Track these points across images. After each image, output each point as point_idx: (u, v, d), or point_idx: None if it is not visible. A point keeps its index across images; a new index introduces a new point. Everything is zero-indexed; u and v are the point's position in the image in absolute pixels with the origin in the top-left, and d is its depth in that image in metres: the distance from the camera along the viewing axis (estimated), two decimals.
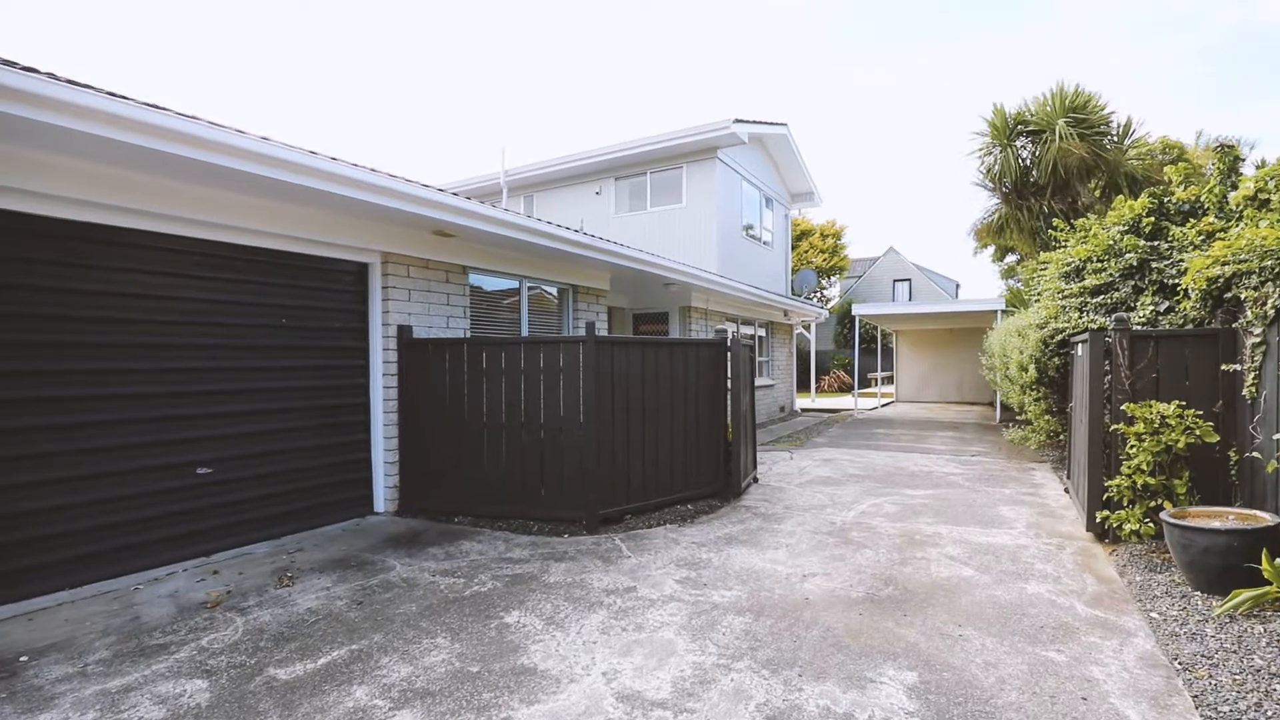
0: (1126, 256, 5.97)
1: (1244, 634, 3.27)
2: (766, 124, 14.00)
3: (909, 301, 32.51)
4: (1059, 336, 7.00)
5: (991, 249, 25.67)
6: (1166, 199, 6.15)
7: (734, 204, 14.16)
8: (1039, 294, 7.94)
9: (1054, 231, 7.76)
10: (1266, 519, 3.77)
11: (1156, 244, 5.88)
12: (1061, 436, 8.14)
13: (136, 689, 2.90)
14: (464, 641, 3.39)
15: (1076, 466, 5.94)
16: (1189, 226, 5.52)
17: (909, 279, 36.27)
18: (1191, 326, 5.14)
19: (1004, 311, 14.34)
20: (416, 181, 5.34)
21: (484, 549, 4.96)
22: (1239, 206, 5.03)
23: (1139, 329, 5.01)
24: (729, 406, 6.72)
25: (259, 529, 5.04)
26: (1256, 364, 4.15)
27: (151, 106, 3.66)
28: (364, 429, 5.84)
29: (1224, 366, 4.58)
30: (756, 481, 7.57)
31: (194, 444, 4.68)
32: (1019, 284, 23.11)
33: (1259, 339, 4.12)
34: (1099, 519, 4.85)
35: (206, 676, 3.03)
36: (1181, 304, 5.18)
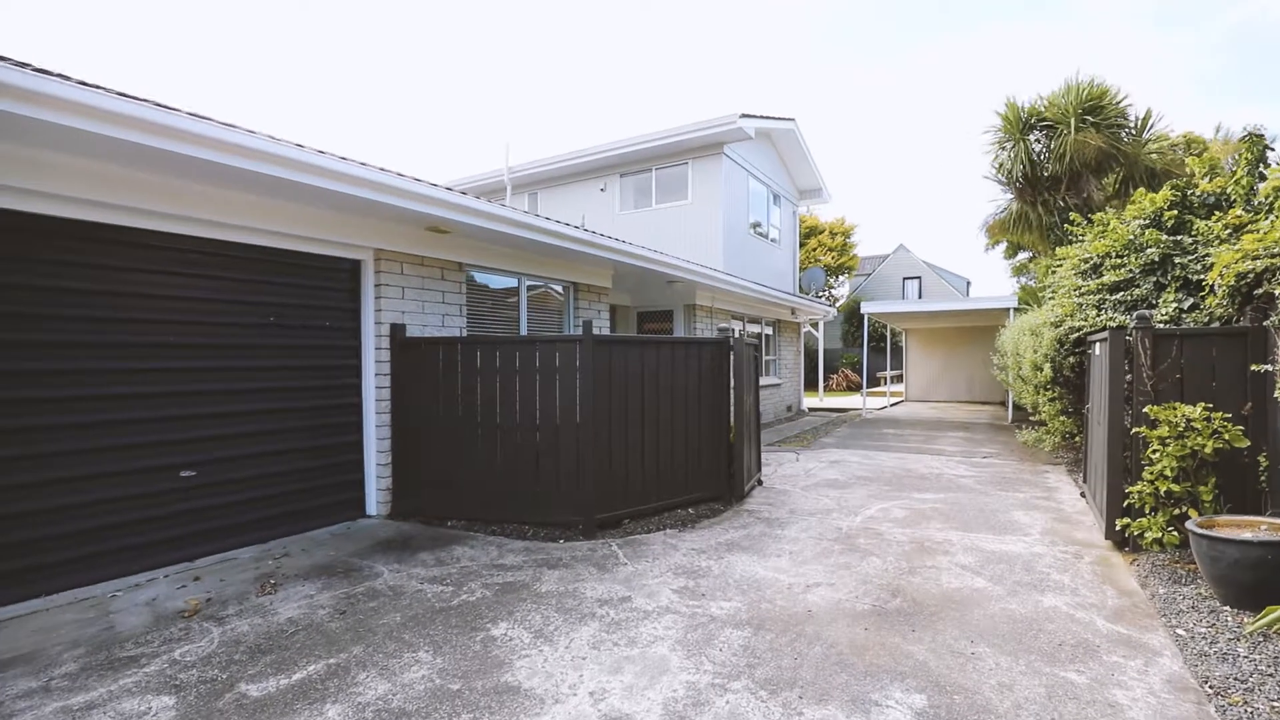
0: (1148, 251, 5.71)
1: None
2: (774, 119, 13.75)
3: (919, 299, 32.12)
4: (1075, 335, 6.75)
5: (1003, 246, 25.28)
6: (1190, 191, 5.89)
7: (740, 200, 13.94)
8: (1054, 291, 7.68)
9: (1070, 226, 7.49)
10: None
11: (1179, 238, 5.62)
12: (1077, 438, 7.87)
13: (100, 706, 2.76)
14: (447, 656, 3.22)
15: (1094, 471, 5.70)
16: (1214, 220, 5.26)
17: (919, 277, 35.85)
18: (1218, 325, 4.89)
19: (1016, 309, 14.02)
20: (409, 176, 5.17)
21: (476, 555, 4.80)
22: (1268, 198, 4.78)
23: (1162, 327, 4.77)
24: (732, 407, 6.52)
25: (246, 533, 4.90)
26: None
27: (125, 96, 3.51)
28: (356, 430, 5.70)
29: (1254, 367, 4.33)
30: (761, 484, 7.37)
31: (177, 446, 4.54)
32: (1032, 282, 22.74)
33: None
34: (1119, 526, 4.62)
35: (175, 692, 2.88)
36: (1207, 301, 4.93)
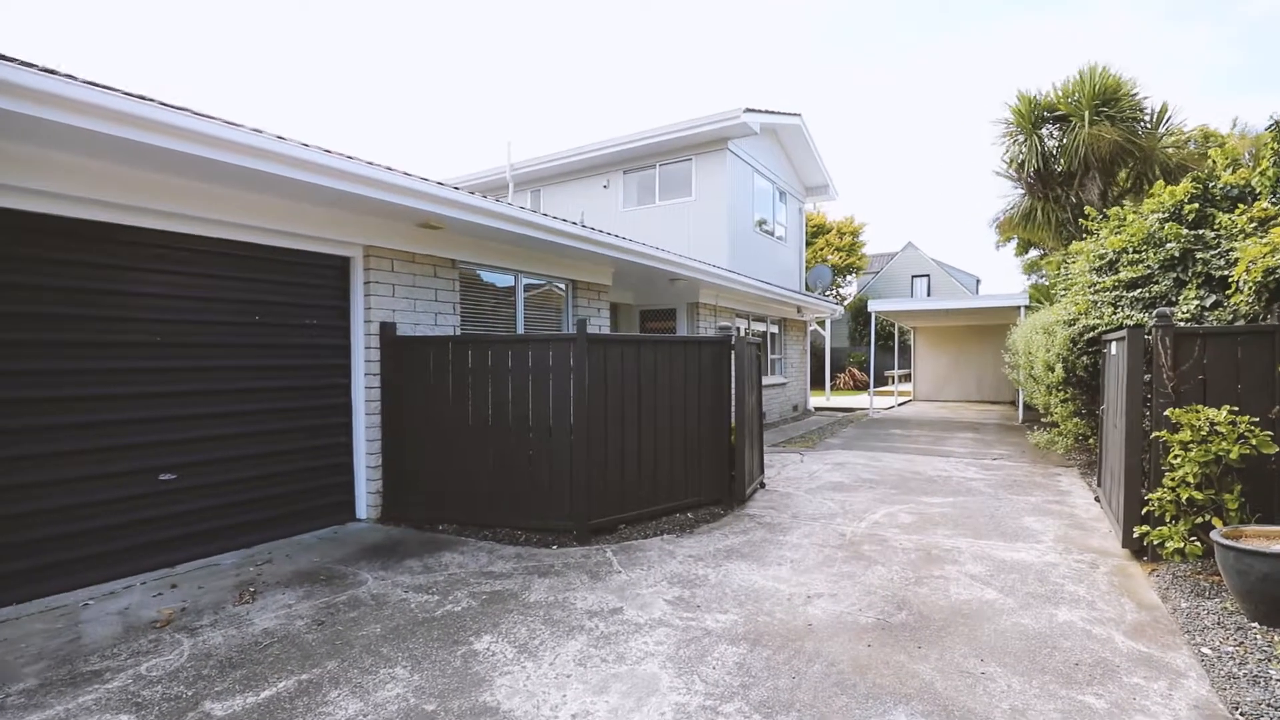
0: (1168, 246, 5.47)
1: None
2: (779, 114, 13.52)
3: (928, 298, 31.73)
4: (1090, 334, 6.51)
5: (1014, 243, 24.94)
6: (1211, 184, 5.63)
7: (745, 197, 13.72)
8: (1067, 288, 7.43)
9: (1085, 221, 7.25)
10: None
11: (1201, 232, 5.37)
12: (1091, 440, 7.63)
13: None
14: (425, 672, 3.05)
15: (1109, 475, 5.46)
16: (1238, 213, 5.02)
17: (927, 275, 35.44)
18: (1243, 323, 4.65)
19: (1027, 308, 13.73)
20: (398, 170, 5.02)
21: (465, 561, 4.64)
22: None
23: (1183, 326, 4.54)
24: (733, 408, 6.33)
25: (229, 538, 4.76)
26: None
27: (93, 85, 3.36)
28: (345, 431, 5.55)
29: None
30: (763, 487, 7.17)
31: (156, 448, 4.40)
32: (1043, 280, 22.38)
33: None
34: (1137, 535, 4.40)
35: (135, 711, 2.73)
36: (1233, 298, 4.69)
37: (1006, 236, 22.35)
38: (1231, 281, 4.66)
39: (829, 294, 29.10)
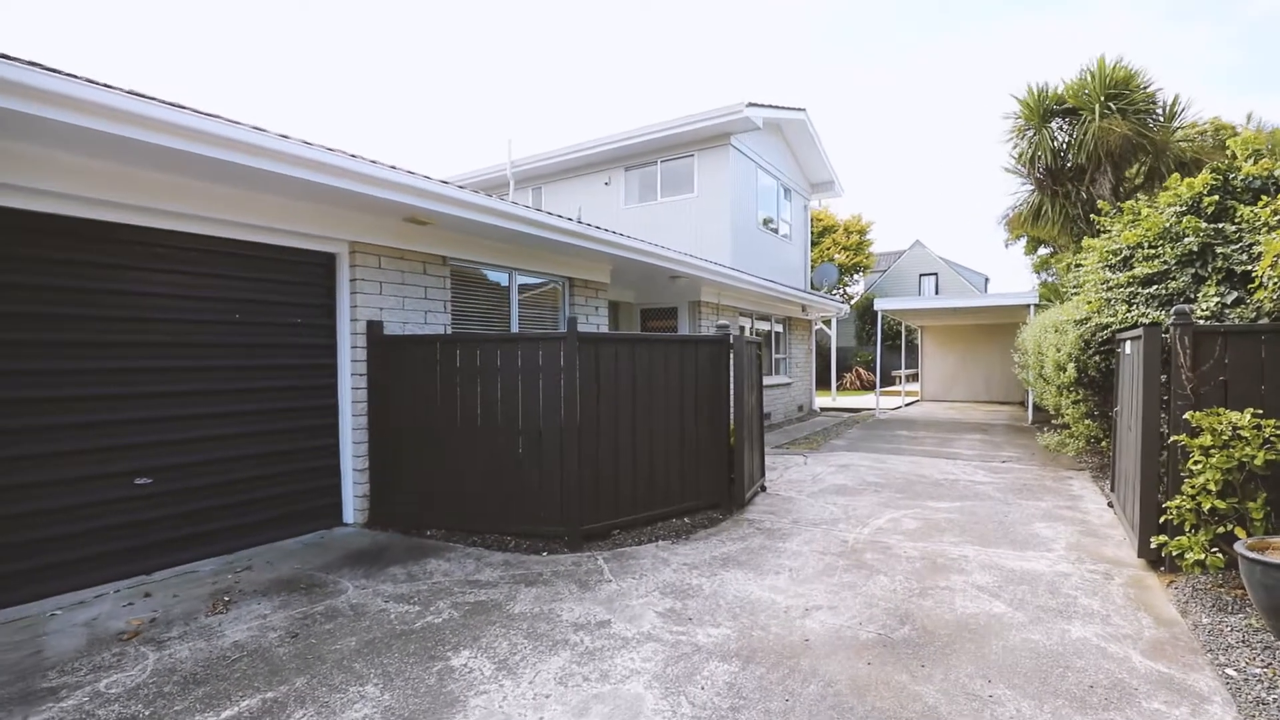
0: (1185, 241, 5.23)
1: None
2: (783, 108, 13.30)
3: (935, 296, 31.38)
4: (1102, 333, 6.27)
5: (1024, 241, 24.59)
6: (1231, 175, 5.39)
7: (749, 193, 13.50)
8: (1079, 285, 7.19)
9: (1097, 216, 7.00)
10: None
11: (1221, 226, 5.12)
12: (1104, 443, 7.39)
13: None
14: (397, 690, 2.89)
15: (1124, 480, 5.24)
16: (1261, 205, 4.78)
17: (935, 273, 35.08)
18: (1268, 320, 4.42)
19: (1037, 306, 13.45)
20: (383, 163, 4.85)
21: (451, 569, 4.47)
22: None
23: (1203, 324, 4.31)
24: (732, 409, 6.13)
25: (209, 543, 4.61)
26: None
27: (56, 73, 3.20)
28: (331, 433, 5.40)
29: None
30: (764, 490, 6.97)
31: (132, 451, 4.26)
32: (1054, 278, 22.05)
33: None
34: (1154, 544, 4.18)
35: None
36: (1256, 294, 4.46)
37: (1016, 234, 22.01)
38: (1254, 277, 4.43)
39: (835, 292, 28.78)
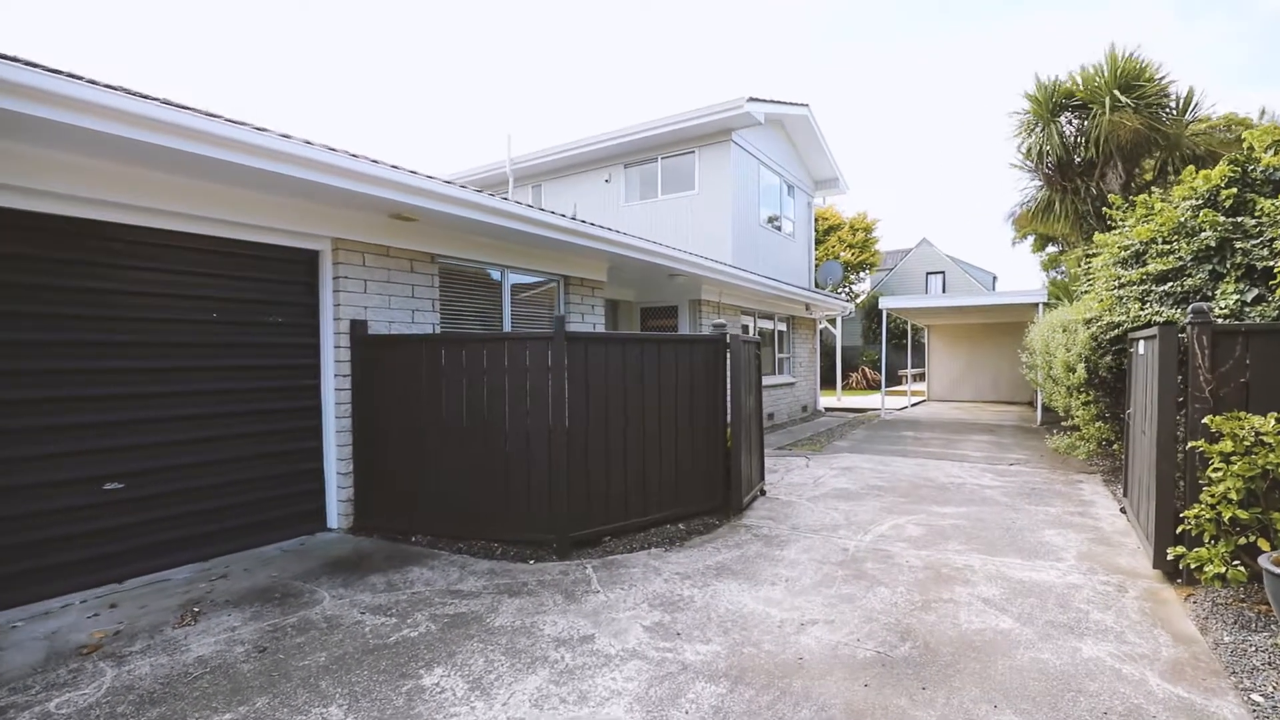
0: (1202, 236, 5.00)
1: None
2: (785, 104, 13.07)
3: (941, 294, 31.03)
4: (1114, 332, 6.05)
5: (1031, 239, 24.25)
6: (1250, 167, 5.16)
7: (751, 190, 13.28)
8: (1090, 283, 6.96)
9: (1109, 210, 6.76)
10: None
11: (1240, 220, 4.89)
12: (1115, 446, 7.15)
13: None
14: (361, 712, 2.72)
15: (1138, 486, 5.01)
16: None
17: (942, 272, 34.74)
18: None
19: (1046, 305, 13.18)
20: (364, 157, 4.68)
21: (433, 578, 4.30)
22: None
23: (1222, 323, 4.09)
24: (729, 410, 5.94)
25: (184, 550, 4.46)
26: None
27: (10, 60, 3.05)
28: (314, 436, 5.24)
29: None
30: (763, 494, 6.78)
31: (103, 455, 4.11)
32: (1062, 275, 21.71)
33: None
34: (1171, 556, 3.96)
35: None
36: (1277, 292, 4.24)
37: (1024, 232, 21.72)
38: (1276, 273, 4.21)
39: (840, 291, 28.52)
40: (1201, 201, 5.30)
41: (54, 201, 3.88)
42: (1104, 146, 10.96)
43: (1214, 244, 4.95)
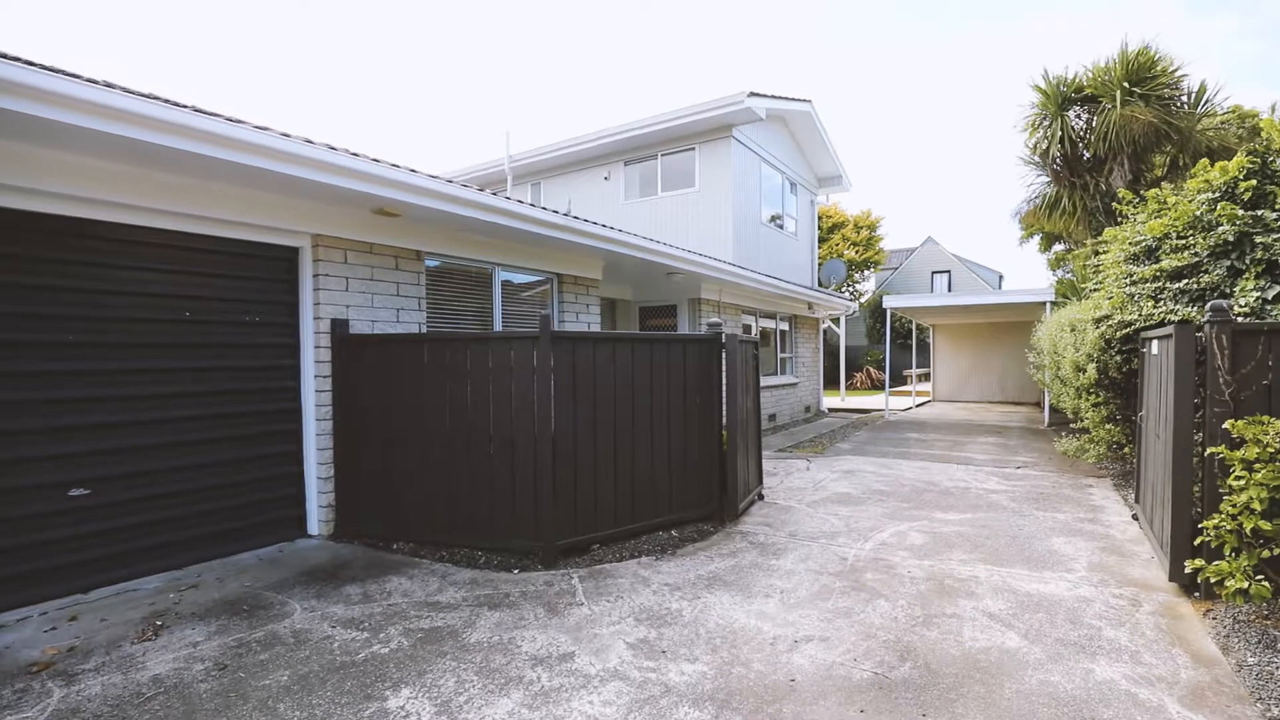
0: (1219, 230, 4.77)
1: None
2: (787, 99, 12.85)
3: (946, 293, 30.70)
4: (1125, 331, 5.82)
5: (1039, 237, 23.93)
6: (1270, 159, 4.92)
7: (752, 187, 13.07)
8: (1100, 280, 6.72)
9: (1119, 205, 6.53)
10: None
11: (1260, 213, 4.66)
12: (1126, 449, 6.91)
13: None
14: None
15: (1151, 493, 4.79)
16: None
17: (948, 270, 34.43)
18: None
19: (1054, 304, 12.90)
20: (343, 150, 4.50)
21: (412, 588, 4.12)
22: None
23: (1243, 322, 3.87)
24: (725, 412, 5.74)
25: (155, 559, 4.29)
26: None
27: None
28: (294, 439, 5.06)
29: None
30: (761, 499, 6.57)
31: (67, 460, 3.94)
32: (1069, 274, 21.39)
33: None
34: (1188, 569, 3.73)
35: None
36: None
37: (1031, 230, 21.39)
38: None
39: (844, 290, 28.25)
40: (1218, 195, 5.07)
41: (25, 197, 3.71)
42: (1115, 141, 10.70)
43: (1232, 239, 4.72)
